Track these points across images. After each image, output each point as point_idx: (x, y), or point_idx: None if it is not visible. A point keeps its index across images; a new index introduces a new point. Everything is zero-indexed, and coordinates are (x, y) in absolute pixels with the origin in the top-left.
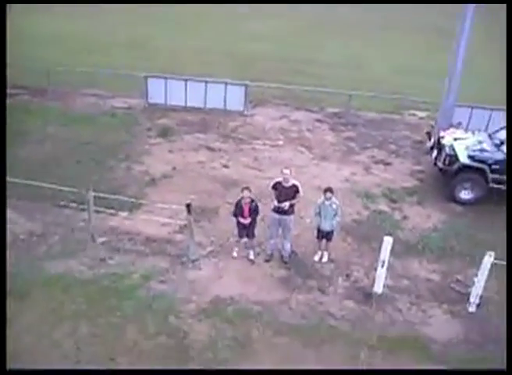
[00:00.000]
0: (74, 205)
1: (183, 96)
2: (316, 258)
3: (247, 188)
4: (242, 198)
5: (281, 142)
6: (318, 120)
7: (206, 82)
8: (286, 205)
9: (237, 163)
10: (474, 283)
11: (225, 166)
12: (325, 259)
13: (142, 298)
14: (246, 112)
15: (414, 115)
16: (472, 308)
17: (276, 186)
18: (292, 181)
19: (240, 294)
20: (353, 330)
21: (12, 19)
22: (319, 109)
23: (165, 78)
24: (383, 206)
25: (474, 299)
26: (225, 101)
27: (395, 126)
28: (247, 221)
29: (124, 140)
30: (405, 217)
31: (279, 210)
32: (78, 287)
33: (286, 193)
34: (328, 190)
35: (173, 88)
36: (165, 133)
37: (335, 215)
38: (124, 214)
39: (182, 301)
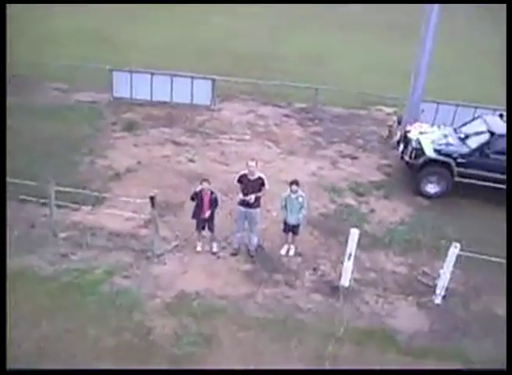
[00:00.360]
0: (35, 199)
1: (149, 90)
2: (283, 251)
3: (206, 180)
4: (202, 189)
5: (248, 137)
6: (286, 115)
7: (172, 76)
8: (251, 198)
9: (203, 158)
10: (440, 275)
11: (191, 161)
12: (291, 253)
13: (105, 293)
14: (213, 107)
15: (380, 110)
16: (438, 300)
17: (242, 179)
18: (257, 174)
19: (206, 288)
20: (320, 323)
21: None
22: (286, 104)
23: (131, 72)
24: (350, 200)
25: (440, 291)
26: (191, 96)
27: (362, 122)
28: (206, 215)
29: (88, 134)
30: (372, 211)
31: (244, 203)
32: (38, 284)
33: (251, 186)
34: (294, 182)
35: (139, 82)
36: (130, 127)
37: (301, 208)
38: (87, 209)
39: (146, 297)
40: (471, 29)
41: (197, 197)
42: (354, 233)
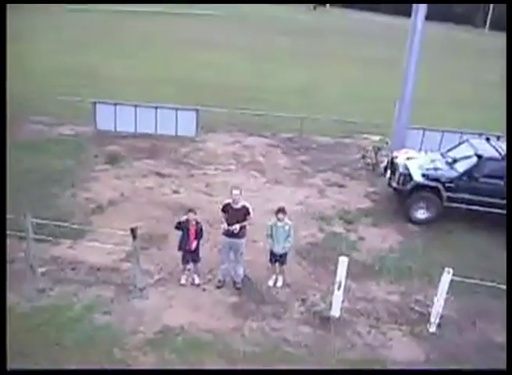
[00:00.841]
0: (13, 233)
1: (133, 122)
2: (270, 283)
3: (191, 210)
4: (187, 220)
5: (233, 167)
6: (271, 145)
7: (156, 108)
8: (236, 227)
9: (188, 189)
10: (433, 302)
11: (176, 192)
12: (279, 284)
13: (84, 330)
14: (197, 138)
15: (366, 138)
16: (433, 329)
17: (226, 208)
18: (242, 202)
19: (190, 322)
20: (310, 355)
21: None
22: (272, 135)
23: (115, 104)
24: (338, 228)
25: (434, 319)
26: (176, 127)
27: (348, 150)
28: (193, 246)
29: (69, 167)
30: (361, 238)
31: (229, 233)
32: (14, 321)
33: (236, 215)
34: (281, 210)
35: (123, 114)
36: (112, 159)
37: (287, 236)
38: (67, 243)
39: (127, 333)
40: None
41: (181, 227)
42: (343, 262)
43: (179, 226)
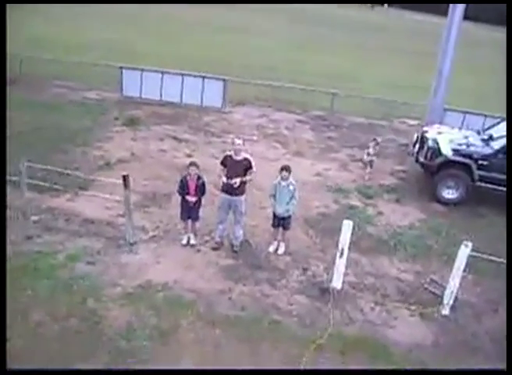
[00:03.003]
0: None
1: (159, 90)
2: (271, 249)
3: (193, 164)
4: (188, 174)
5: (255, 138)
6: (300, 121)
7: (183, 75)
8: (236, 181)
9: (203, 154)
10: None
11: (189, 156)
12: (281, 251)
13: (62, 278)
14: (223, 109)
15: (403, 122)
16: (446, 311)
17: (226, 160)
18: (244, 154)
19: (175, 280)
20: (300, 326)
21: None
22: (302, 111)
23: (142, 70)
24: (356, 201)
25: (448, 299)
26: (202, 97)
27: (382, 131)
28: (193, 199)
29: (86, 126)
30: (379, 213)
31: (228, 189)
32: None
33: (236, 168)
34: (285, 168)
35: (149, 81)
36: (131, 122)
37: (291, 198)
38: (67, 196)
39: (107, 284)
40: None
41: (181, 183)
42: (348, 225)
43: (180, 184)
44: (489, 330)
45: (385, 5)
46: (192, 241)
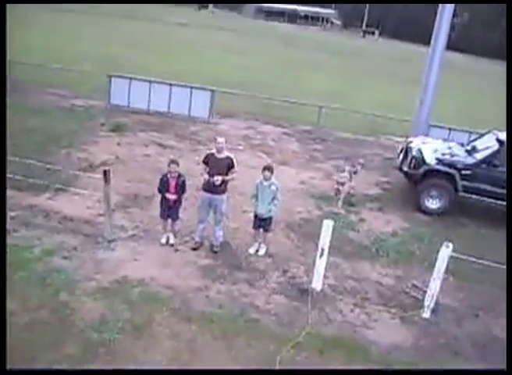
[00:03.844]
0: None
1: (147, 99)
2: (252, 250)
3: (174, 161)
4: (169, 172)
5: (241, 147)
6: (286, 134)
7: (171, 85)
8: (218, 179)
9: (188, 160)
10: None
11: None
12: (261, 252)
13: (36, 271)
14: (210, 120)
15: (389, 139)
16: (427, 314)
17: (208, 158)
18: (226, 153)
19: (152, 277)
20: (278, 325)
21: None
22: (289, 125)
23: (130, 79)
24: (338, 209)
25: (429, 302)
26: (189, 107)
27: (368, 146)
28: (173, 197)
29: (72, 130)
30: (361, 220)
31: (209, 187)
32: None
33: (218, 166)
34: (267, 168)
35: (137, 90)
36: (118, 128)
37: (273, 198)
38: (48, 194)
39: (81, 279)
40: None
41: (162, 181)
42: (328, 225)
43: (161, 182)
44: (470, 334)
45: (376, 34)
46: (171, 241)
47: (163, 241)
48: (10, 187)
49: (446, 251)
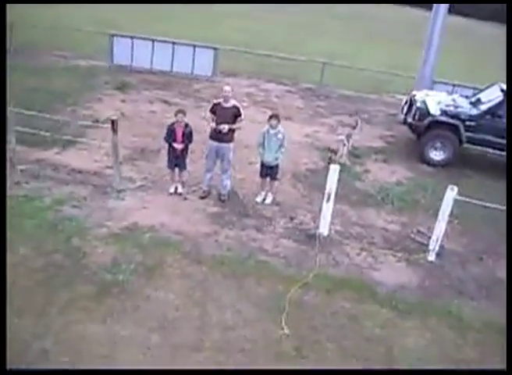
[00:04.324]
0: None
1: (149, 58)
2: (258, 199)
3: (181, 111)
4: (176, 121)
5: (245, 104)
6: (289, 91)
7: (173, 43)
8: (224, 127)
9: (193, 116)
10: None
11: None
12: (268, 201)
13: (48, 219)
14: (214, 78)
15: (393, 97)
16: (432, 257)
17: (215, 108)
18: (232, 102)
19: (162, 223)
20: (286, 266)
21: None
22: (292, 83)
23: (132, 37)
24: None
25: (434, 245)
26: (193, 66)
27: (371, 103)
28: (180, 146)
29: (77, 89)
30: (366, 171)
31: (216, 136)
32: None
33: (225, 114)
34: (274, 116)
35: (139, 49)
36: (122, 86)
37: (280, 146)
38: (56, 149)
39: (92, 226)
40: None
41: (168, 131)
42: (334, 170)
43: (168, 131)
44: (474, 276)
45: None
46: (179, 190)
47: (171, 190)
48: (18, 142)
49: (451, 194)
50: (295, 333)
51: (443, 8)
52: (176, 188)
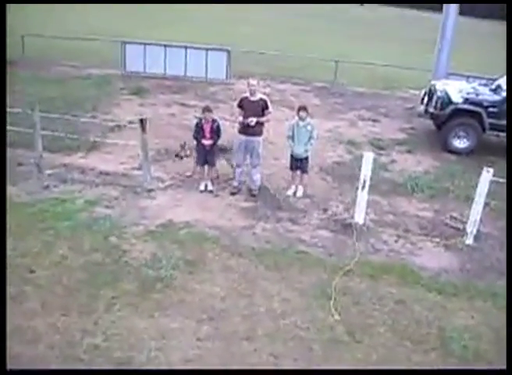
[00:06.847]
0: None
1: (163, 64)
2: (289, 192)
3: (207, 109)
4: (203, 118)
5: None
6: (304, 90)
7: (186, 48)
8: (252, 120)
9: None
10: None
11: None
12: (299, 194)
13: (82, 220)
14: (228, 81)
15: (406, 92)
16: (469, 240)
17: (242, 102)
18: (259, 95)
19: (197, 219)
20: (326, 255)
21: None
22: (305, 83)
23: (144, 44)
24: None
25: (471, 228)
26: (206, 69)
27: (387, 98)
28: (209, 142)
29: (93, 96)
30: (393, 161)
31: (245, 130)
32: (11, 210)
33: (252, 108)
34: (302, 108)
35: (152, 55)
36: (138, 91)
37: (310, 138)
38: (80, 154)
39: (128, 224)
40: None
41: (196, 127)
42: (368, 158)
43: (196, 128)
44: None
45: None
46: (210, 187)
47: (202, 187)
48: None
49: (487, 176)
50: (345, 319)
51: (455, 5)
52: (206, 186)
